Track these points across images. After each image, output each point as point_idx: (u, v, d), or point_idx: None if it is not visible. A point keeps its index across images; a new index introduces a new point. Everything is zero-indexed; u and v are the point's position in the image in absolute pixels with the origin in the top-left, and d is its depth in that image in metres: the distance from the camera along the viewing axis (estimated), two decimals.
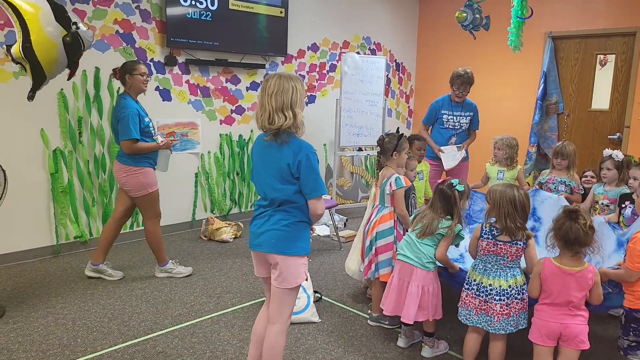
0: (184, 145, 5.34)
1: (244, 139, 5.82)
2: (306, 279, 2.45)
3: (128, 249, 4.84)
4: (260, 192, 2.45)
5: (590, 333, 2.44)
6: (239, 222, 5.48)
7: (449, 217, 2.91)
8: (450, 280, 3.07)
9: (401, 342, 3.17)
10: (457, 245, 3.10)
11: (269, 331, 2.43)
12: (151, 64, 4.98)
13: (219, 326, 3.38)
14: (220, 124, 5.61)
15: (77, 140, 4.57)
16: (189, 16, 5.02)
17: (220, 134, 5.62)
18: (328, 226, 5.64)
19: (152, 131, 4.01)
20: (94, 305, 3.63)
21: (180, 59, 5.17)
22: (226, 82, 5.59)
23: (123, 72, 3.86)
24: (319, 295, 3.83)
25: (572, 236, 2.32)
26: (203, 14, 5.11)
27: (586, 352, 2.47)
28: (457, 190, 2.90)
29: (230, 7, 5.31)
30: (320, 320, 3.49)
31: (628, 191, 3.52)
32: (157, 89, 5.04)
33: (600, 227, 3.10)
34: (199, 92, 5.38)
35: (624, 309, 2.52)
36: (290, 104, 2.28)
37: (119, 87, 4.75)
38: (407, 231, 3.30)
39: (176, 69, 5.17)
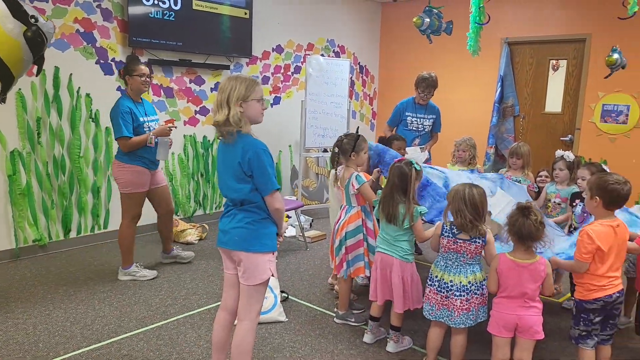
0: None
1: (209, 140, 5.79)
2: (272, 275, 2.48)
3: (90, 252, 4.75)
4: (223, 193, 2.52)
5: (545, 324, 2.56)
6: (203, 224, 5.46)
7: (404, 199, 2.95)
8: None
9: (367, 338, 3.24)
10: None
11: (238, 328, 2.46)
12: (112, 63, 4.90)
13: (185, 328, 3.37)
14: (184, 125, 5.57)
15: (35, 141, 4.45)
16: (152, 16, 4.97)
17: (184, 135, 5.58)
18: (294, 227, 5.67)
19: (146, 131, 3.99)
20: (55, 310, 3.55)
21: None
22: (190, 83, 5.55)
23: (124, 73, 3.95)
24: (286, 295, 3.86)
25: (525, 231, 2.44)
26: (166, 13, 5.07)
27: (541, 341, 2.60)
28: (415, 169, 2.99)
29: (194, 7, 5.28)
30: (287, 319, 3.52)
31: (578, 190, 3.70)
32: (118, 89, 4.96)
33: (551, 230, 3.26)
34: (162, 93, 5.33)
35: (575, 301, 2.66)
36: (227, 100, 2.34)
37: (79, 87, 4.67)
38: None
39: None
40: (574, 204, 3.66)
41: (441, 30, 4.52)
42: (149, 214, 4.43)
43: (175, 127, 4.20)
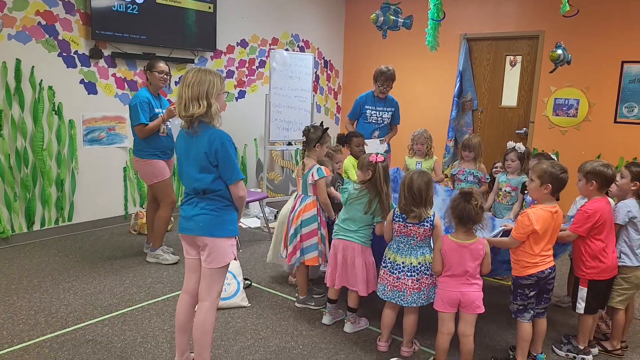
0: (112, 139, 5.30)
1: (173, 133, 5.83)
2: (235, 259, 2.62)
3: (54, 244, 4.76)
4: (184, 183, 2.62)
5: (494, 304, 2.75)
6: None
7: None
8: None
9: (326, 320, 3.39)
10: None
11: (200, 308, 2.57)
12: (75, 56, 4.91)
13: (150, 314, 3.46)
14: None
15: None
16: (115, 9, 4.99)
17: None
18: (259, 218, 5.78)
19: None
20: (19, 300, 3.59)
21: (106, 52, 5.13)
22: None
23: (146, 69, 4.30)
24: (249, 282, 3.98)
25: (466, 215, 2.64)
26: (129, 7, 5.10)
27: (484, 315, 2.79)
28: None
29: (158, 1, 5.32)
30: (249, 304, 3.64)
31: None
32: (82, 82, 4.98)
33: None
34: (126, 86, 5.36)
35: (513, 278, 2.86)
36: (206, 94, 2.44)
37: (42, 80, 4.67)
38: (329, 218, 3.54)
39: (102, 62, 5.12)
40: (526, 192, 3.87)
41: (399, 26, 4.69)
42: (104, 207, 4.45)
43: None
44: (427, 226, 2.85)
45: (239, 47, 6.42)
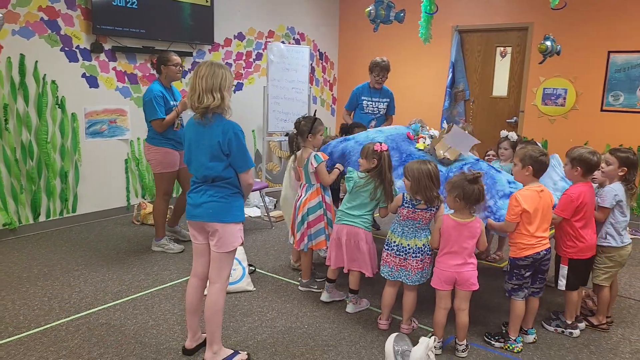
0: (113, 131, 5.41)
1: None
2: (242, 244, 2.79)
3: (59, 235, 4.89)
4: (192, 171, 2.74)
5: (488, 285, 2.94)
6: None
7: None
8: None
9: (324, 297, 3.59)
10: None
11: (211, 290, 2.72)
12: (77, 51, 5.01)
13: (159, 299, 3.60)
14: None
15: (2, 128, 4.54)
16: (115, 3, 5.09)
17: None
18: (259, 207, 5.93)
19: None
20: (32, 287, 3.72)
21: (107, 46, 5.23)
22: (154, 70, 5.70)
23: (159, 62, 4.33)
24: (253, 268, 4.14)
25: (473, 196, 2.80)
26: (129, 1, 5.19)
27: (478, 296, 2.98)
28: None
29: None
30: (255, 288, 3.80)
31: None
32: (83, 75, 5.08)
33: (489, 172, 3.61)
34: (126, 79, 5.46)
35: (509, 259, 3.04)
36: (219, 87, 2.55)
37: (45, 74, 4.77)
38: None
39: (103, 56, 5.22)
40: None
41: (392, 19, 4.83)
42: (106, 198, 4.57)
43: None
44: (432, 210, 3.02)
45: (236, 40, 6.53)
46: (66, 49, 4.92)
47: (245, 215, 5.69)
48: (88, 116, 5.15)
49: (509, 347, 3.03)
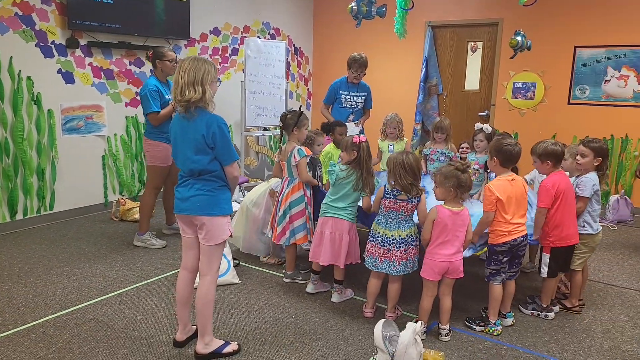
0: (90, 128, 5.36)
1: None
2: (230, 236, 2.83)
3: (38, 232, 4.83)
4: (179, 165, 2.78)
5: (468, 273, 3.06)
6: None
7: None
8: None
9: (309, 288, 3.67)
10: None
11: (201, 282, 2.77)
12: (52, 46, 4.94)
13: (146, 294, 3.62)
14: (126, 107, 5.69)
15: None
16: None
17: (126, 117, 5.70)
18: (238, 202, 5.95)
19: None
20: (14, 285, 3.69)
21: (82, 42, 5.17)
22: (130, 65, 5.66)
23: (154, 57, 4.41)
24: (237, 262, 4.19)
25: (465, 183, 2.93)
26: None
27: (459, 280, 3.11)
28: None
29: None
30: (240, 281, 3.86)
31: None
32: (59, 71, 5.02)
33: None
34: (102, 75, 5.41)
35: (488, 245, 3.18)
36: (201, 81, 2.58)
37: (20, 70, 4.69)
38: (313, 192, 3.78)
39: (78, 52, 5.16)
40: (489, 170, 4.18)
41: (373, 14, 4.92)
42: (83, 195, 4.53)
43: None
44: (414, 202, 3.12)
45: (212, 35, 6.53)
46: (41, 44, 4.85)
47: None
48: (64, 112, 5.09)
49: (489, 330, 3.17)
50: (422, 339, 3.04)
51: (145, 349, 2.91)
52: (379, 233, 3.21)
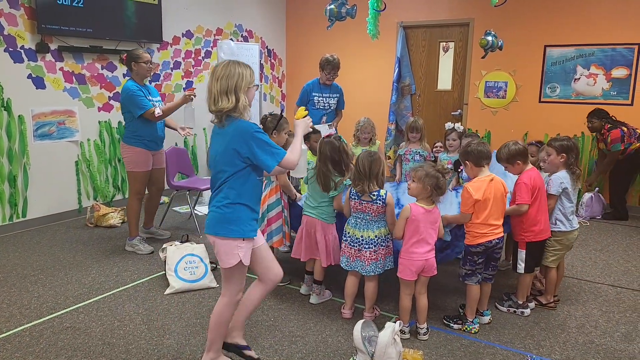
0: (62, 133, 5.28)
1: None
2: (242, 262, 2.52)
3: (10, 240, 4.74)
4: (213, 174, 2.59)
5: (446, 272, 3.11)
6: (124, 207, 5.56)
7: (336, 173, 3.36)
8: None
9: (313, 299, 3.63)
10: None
11: (219, 301, 2.65)
12: (22, 51, 4.86)
13: (123, 300, 3.60)
14: (99, 111, 5.62)
15: None
16: (60, 2, 4.96)
17: (99, 121, 5.63)
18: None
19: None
20: None
21: (53, 46, 5.09)
22: (102, 69, 5.59)
23: (129, 60, 4.29)
24: (214, 265, 4.17)
25: (441, 186, 3.00)
26: (74, 0, 5.08)
27: (435, 278, 3.17)
28: (344, 142, 3.44)
29: None
30: (217, 285, 3.85)
31: None
32: (29, 76, 4.93)
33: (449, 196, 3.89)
34: (74, 80, 5.34)
35: (464, 246, 3.24)
36: (235, 88, 2.40)
37: None
38: (291, 198, 3.79)
39: (49, 56, 5.08)
40: (460, 169, 4.25)
41: (344, 15, 4.96)
42: (56, 202, 4.48)
43: (195, 96, 4.47)
44: (379, 203, 3.16)
45: (184, 38, 6.49)
46: (10, 49, 4.76)
47: (200, 213, 5.73)
48: (36, 118, 5.01)
49: (466, 328, 3.23)
50: (406, 338, 3.10)
51: (123, 356, 2.89)
52: (349, 233, 3.27)
